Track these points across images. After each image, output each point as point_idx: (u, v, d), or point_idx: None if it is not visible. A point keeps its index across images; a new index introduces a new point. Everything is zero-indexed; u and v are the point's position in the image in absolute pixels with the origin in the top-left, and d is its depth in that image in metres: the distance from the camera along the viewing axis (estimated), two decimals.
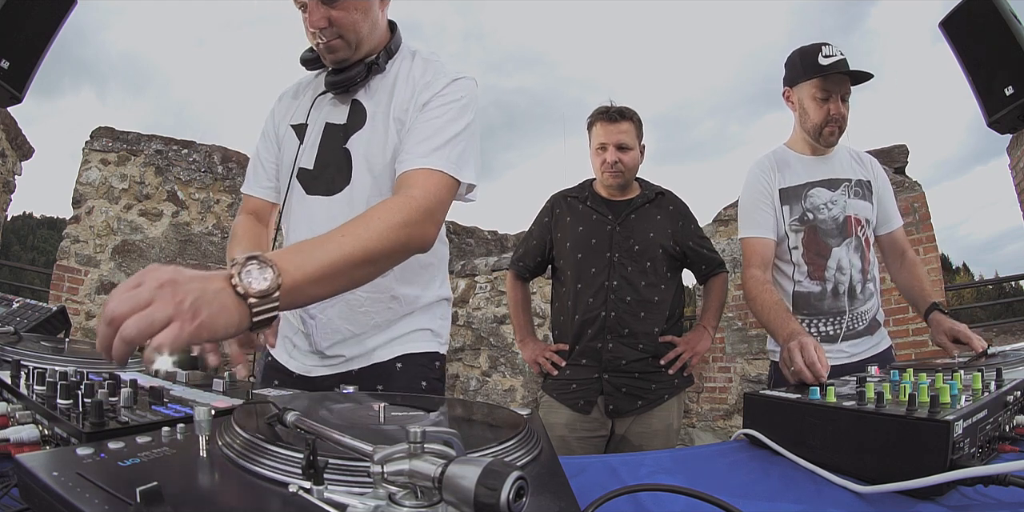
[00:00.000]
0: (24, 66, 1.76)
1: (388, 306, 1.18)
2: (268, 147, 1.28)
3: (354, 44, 1.11)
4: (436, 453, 0.40)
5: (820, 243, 1.70)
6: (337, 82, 1.14)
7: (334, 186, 1.15)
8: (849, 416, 0.74)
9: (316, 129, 1.18)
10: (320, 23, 1.06)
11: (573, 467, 0.75)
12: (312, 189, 1.17)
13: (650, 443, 1.89)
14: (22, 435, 0.64)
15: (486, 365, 5.79)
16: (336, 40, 1.09)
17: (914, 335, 3.70)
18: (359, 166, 1.14)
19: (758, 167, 1.77)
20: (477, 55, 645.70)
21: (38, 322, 1.38)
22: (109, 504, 0.40)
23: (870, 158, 1.82)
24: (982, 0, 1.72)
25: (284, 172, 1.23)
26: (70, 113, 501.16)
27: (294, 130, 1.22)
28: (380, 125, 1.13)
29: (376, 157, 1.12)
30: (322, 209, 1.15)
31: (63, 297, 4.43)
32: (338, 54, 1.11)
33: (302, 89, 1.28)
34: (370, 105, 1.15)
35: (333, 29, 1.08)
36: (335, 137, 1.16)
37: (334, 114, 1.18)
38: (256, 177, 1.28)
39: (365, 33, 1.11)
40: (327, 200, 1.15)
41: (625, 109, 1.97)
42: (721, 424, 4.55)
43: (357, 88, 1.16)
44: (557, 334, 2.05)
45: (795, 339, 1.18)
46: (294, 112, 1.24)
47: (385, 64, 1.16)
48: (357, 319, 1.17)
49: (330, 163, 1.16)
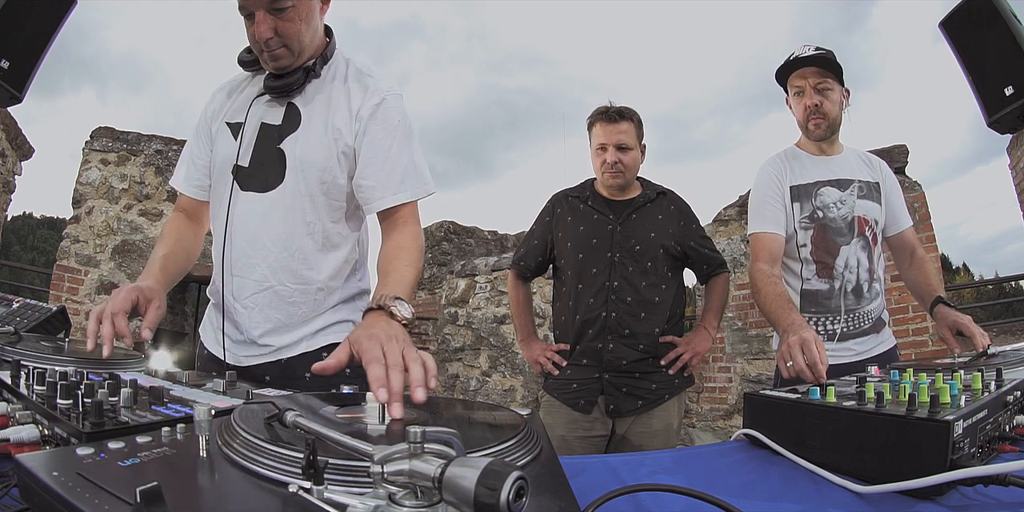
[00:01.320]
0: (24, 66, 1.76)
1: (314, 298, 1.25)
2: (201, 146, 1.33)
3: (297, 52, 1.18)
4: (436, 453, 0.40)
5: (829, 241, 1.72)
6: (276, 87, 1.21)
7: (268, 183, 1.22)
8: (849, 416, 0.74)
9: (252, 128, 1.24)
10: (267, 34, 1.12)
11: (573, 467, 0.75)
12: (247, 185, 1.24)
13: (650, 443, 1.89)
14: (22, 435, 0.64)
15: (486, 365, 5.80)
16: (281, 49, 1.16)
17: (914, 335, 3.70)
18: (292, 165, 1.21)
19: (770, 164, 1.80)
20: (479, 54, 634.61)
21: (38, 322, 1.38)
22: (109, 504, 0.40)
23: (878, 160, 1.85)
24: (982, 0, 1.72)
25: (216, 167, 1.28)
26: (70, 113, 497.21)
27: (229, 128, 1.28)
28: (315, 129, 1.21)
29: (307, 157, 1.20)
30: (256, 204, 1.22)
31: (63, 297, 4.43)
32: (281, 62, 1.18)
33: (236, 88, 1.33)
34: (305, 110, 1.23)
35: (278, 39, 1.14)
36: (270, 137, 1.23)
37: (270, 115, 1.24)
38: (189, 176, 1.34)
39: (307, 41, 1.18)
40: (261, 196, 1.22)
41: (625, 109, 1.96)
42: (721, 424, 4.55)
43: (294, 93, 1.23)
44: (558, 334, 2.05)
45: (796, 333, 1.18)
46: (228, 110, 1.30)
47: (321, 70, 1.24)
48: (286, 309, 1.24)
49: (265, 162, 1.23)
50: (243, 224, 1.23)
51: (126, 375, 0.90)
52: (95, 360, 1.01)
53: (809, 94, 1.68)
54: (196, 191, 1.34)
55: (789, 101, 1.77)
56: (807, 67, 1.67)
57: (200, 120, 1.35)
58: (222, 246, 1.25)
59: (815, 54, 1.66)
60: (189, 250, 1.33)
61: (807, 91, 1.68)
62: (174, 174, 1.38)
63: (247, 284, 1.24)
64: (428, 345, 6.78)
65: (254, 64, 1.25)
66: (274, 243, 1.22)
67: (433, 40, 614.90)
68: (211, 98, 1.36)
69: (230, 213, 1.23)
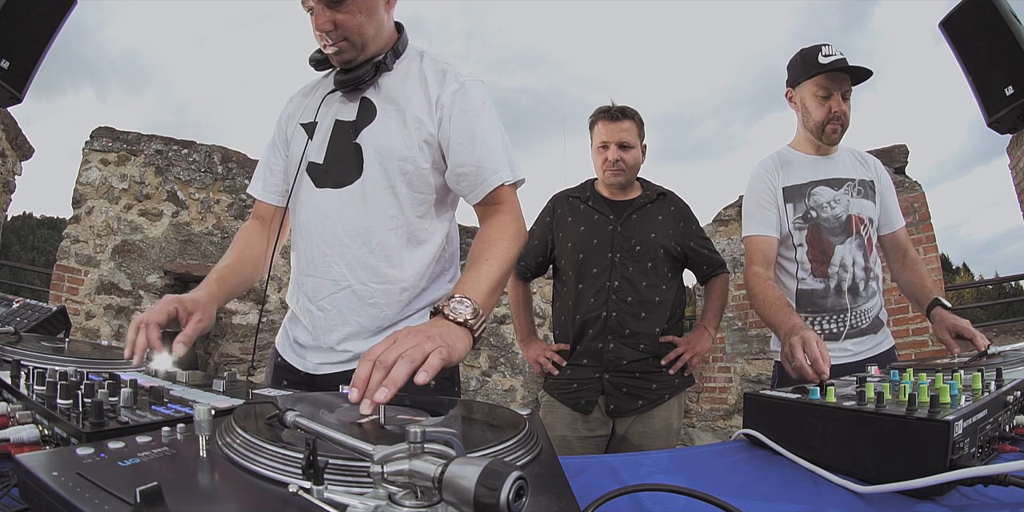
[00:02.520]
0: (24, 66, 1.76)
1: (398, 298, 1.17)
2: (277, 153, 1.31)
3: (359, 46, 1.14)
4: (436, 453, 0.40)
5: (824, 241, 1.72)
6: (346, 81, 1.17)
7: (345, 179, 1.17)
8: (849, 416, 0.74)
9: (326, 125, 1.21)
10: (326, 26, 1.10)
11: (573, 467, 0.75)
12: (321, 182, 1.19)
13: (650, 443, 1.89)
14: (22, 435, 0.64)
15: (486, 365, 5.80)
16: (342, 42, 1.12)
17: (914, 335, 3.70)
18: (370, 159, 1.16)
19: (762, 167, 1.79)
20: (480, 54, 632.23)
21: (38, 322, 1.38)
22: (109, 504, 0.40)
23: (873, 159, 1.84)
24: (982, 0, 1.71)
25: (291, 167, 1.25)
26: (70, 112, 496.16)
27: (304, 128, 1.24)
28: (392, 120, 1.16)
29: (386, 150, 1.15)
30: (332, 201, 1.17)
31: (63, 297, 4.43)
32: (344, 56, 1.14)
33: (311, 89, 1.31)
34: (379, 101, 1.18)
35: (338, 32, 1.11)
36: (345, 133, 1.19)
37: (343, 111, 1.20)
38: (266, 183, 1.31)
39: (371, 35, 1.14)
40: (337, 192, 1.17)
41: (626, 108, 1.97)
42: (721, 424, 4.55)
43: (366, 86, 1.19)
44: (558, 334, 2.05)
45: (797, 334, 1.18)
46: (303, 111, 1.27)
47: (392, 63, 1.19)
48: (366, 311, 1.17)
49: (341, 157, 1.18)
50: (319, 222, 1.18)
51: (126, 375, 0.89)
52: (95, 360, 1.01)
53: (837, 100, 1.67)
54: (273, 196, 1.31)
55: (795, 97, 1.75)
56: (843, 72, 1.65)
57: (276, 129, 1.33)
58: (301, 247, 1.21)
59: (863, 67, 1.64)
60: (256, 261, 1.27)
61: (836, 97, 1.67)
62: (251, 184, 1.35)
63: (323, 284, 1.17)
64: None
65: (324, 63, 1.23)
66: (352, 239, 1.16)
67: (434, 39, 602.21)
68: (285, 106, 1.34)
69: (306, 209, 1.20)
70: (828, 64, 1.65)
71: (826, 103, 1.68)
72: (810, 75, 1.67)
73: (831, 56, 1.65)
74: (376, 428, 0.63)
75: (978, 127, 1.84)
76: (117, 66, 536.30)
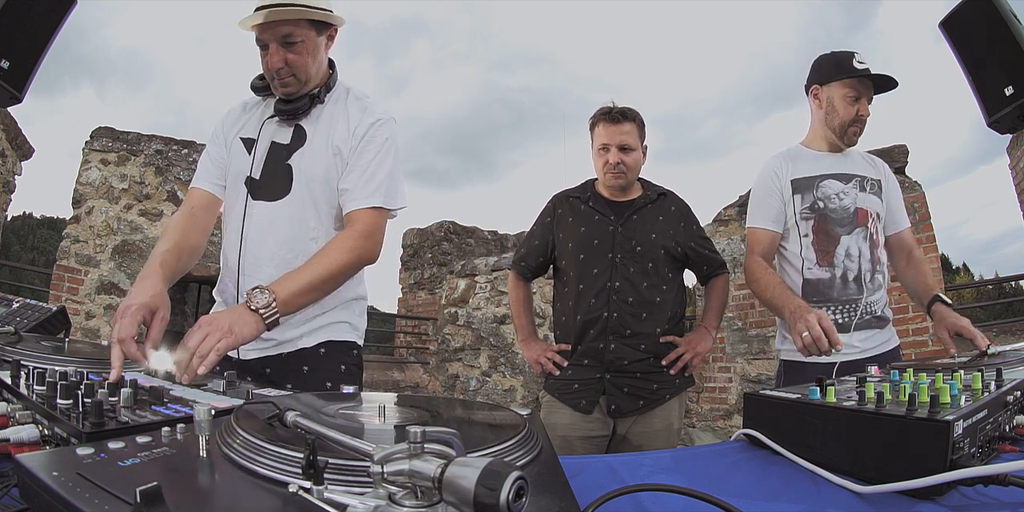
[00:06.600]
0: (24, 66, 1.75)
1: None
2: (219, 150, 1.47)
3: (303, 81, 1.36)
4: (436, 453, 0.40)
5: (830, 230, 1.74)
6: (286, 110, 1.39)
7: (277, 193, 1.38)
8: (849, 416, 0.74)
9: (263, 145, 1.41)
10: (279, 64, 1.31)
11: (573, 467, 0.75)
12: (257, 195, 1.39)
13: (651, 443, 1.89)
14: (22, 435, 0.64)
15: (486, 365, 5.80)
16: (290, 77, 1.34)
17: (914, 335, 3.70)
18: (298, 178, 1.38)
19: (772, 161, 1.83)
20: (483, 53, 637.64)
21: (38, 322, 1.38)
22: (109, 504, 0.40)
23: (881, 161, 1.90)
24: (982, 0, 1.71)
25: (231, 178, 1.44)
26: (70, 111, 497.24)
27: (243, 142, 1.43)
28: (318, 147, 1.38)
29: (312, 172, 1.37)
30: (266, 212, 1.38)
31: (63, 297, 4.43)
32: (289, 88, 1.36)
33: (249, 108, 1.50)
34: (310, 130, 1.40)
35: (288, 69, 1.32)
36: (279, 154, 1.40)
37: (280, 134, 1.41)
38: (208, 174, 1.47)
39: (313, 72, 1.36)
40: (270, 205, 1.38)
41: (628, 110, 1.96)
42: (721, 424, 4.55)
43: (302, 116, 1.40)
44: (559, 334, 2.05)
45: (801, 312, 1.20)
46: (243, 126, 1.46)
47: (324, 97, 1.41)
48: None
49: (274, 175, 1.39)
50: (252, 228, 1.37)
51: (126, 375, 0.90)
52: (95, 360, 1.01)
53: (864, 105, 1.73)
54: (213, 187, 1.46)
55: (821, 95, 1.78)
56: (874, 80, 1.71)
57: (217, 128, 1.50)
58: (237, 249, 1.38)
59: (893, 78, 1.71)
60: (193, 246, 1.39)
61: (864, 102, 1.73)
62: (195, 177, 1.48)
63: (254, 282, 1.29)
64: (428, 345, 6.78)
65: (265, 90, 1.44)
66: (279, 245, 1.36)
67: (436, 39, 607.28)
68: (227, 113, 1.52)
69: (244, 219, 1.38)
70: (862, 70, 1.71)
71: (855, 105, 1.72)
72: (846, 76, 1.72)
73: (864, 64, 1.72)
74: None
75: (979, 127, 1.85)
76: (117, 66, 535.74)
